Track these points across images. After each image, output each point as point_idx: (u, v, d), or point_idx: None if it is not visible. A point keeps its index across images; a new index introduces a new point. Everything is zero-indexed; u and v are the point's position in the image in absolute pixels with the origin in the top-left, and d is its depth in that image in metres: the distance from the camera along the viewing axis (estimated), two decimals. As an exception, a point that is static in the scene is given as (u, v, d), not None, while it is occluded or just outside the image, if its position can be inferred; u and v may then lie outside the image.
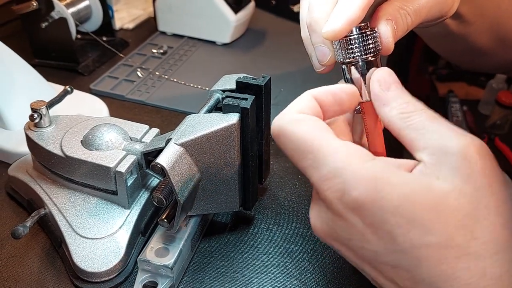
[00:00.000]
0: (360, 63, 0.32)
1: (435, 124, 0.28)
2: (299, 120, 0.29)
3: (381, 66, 0.32)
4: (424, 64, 1.25)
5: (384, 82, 0.30)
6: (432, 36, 0.55)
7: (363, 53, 0.32)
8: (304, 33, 0.37)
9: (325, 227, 0.30)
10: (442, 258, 0.25)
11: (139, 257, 0.41)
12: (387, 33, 0.33)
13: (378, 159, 0.28)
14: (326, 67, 0.35)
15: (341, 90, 0.31)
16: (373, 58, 0.32)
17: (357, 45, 0.32)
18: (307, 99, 0.31)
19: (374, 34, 0.32)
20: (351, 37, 0.32)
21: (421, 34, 0.54)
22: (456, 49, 0.56)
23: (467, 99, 1.22)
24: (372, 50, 0.32)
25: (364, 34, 0.32)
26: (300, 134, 0.29)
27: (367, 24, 0.32)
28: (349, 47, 0.32)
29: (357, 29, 0.32)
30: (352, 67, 0.32)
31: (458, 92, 1.23)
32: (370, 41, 0.32)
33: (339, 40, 0.32)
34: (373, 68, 0.32)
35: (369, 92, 0.32)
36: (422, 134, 0.28)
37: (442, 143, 0.27)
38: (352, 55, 0.32)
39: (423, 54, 1.15)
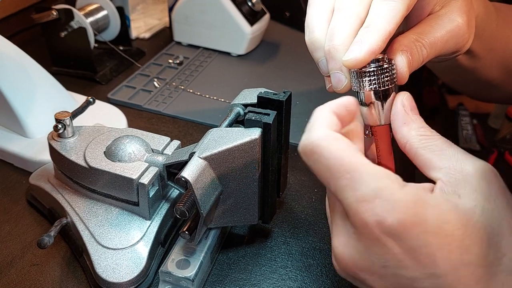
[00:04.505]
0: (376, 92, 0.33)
1: (451, 148, 0.30)
2: (334, 138, 0.29)
3: (395, 92, 0.34)
4: (433, 75, 1.26)
5: (406, 105, 0.33)
6: (441, 68, 0.55)
7: (380, 85, 0.32)
8: (309, 38, 0.37)
9: (355, 256, 0.28)
10: (478, 276, 0.26)
11: (160, 268, 0.41)
12: (402, 64, 0.34)
13: (410, 184, 0.28)
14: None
15: (349, 102, 0.32)
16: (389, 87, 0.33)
17: (375, 77, 0.32)
18: (330, 115, 0.31)
19: (392, 67, 0.33)
20: (369, 70, 0.32)
21: (430, 66, 0.54)
22: (465, 81, 0.57)
23: (476, 113, 1.22)
24: (389, 82, 0.32)
25: (381, 67, 0.32)
26: (336, 152, 0.28)
27: (384, 55, 0.33)
28: (367, 79, 0.32)
29: (375, 61, 0.32)
30: (369, 94, 0.33)
31: (468, 105, 1.23)
32: (387, 73, 0.32)
33: (357, 71, 0.32)
34: (394, 93, 0.33)
35: (385, 117, 0.33)
36: (439, 156, 0.30)
37: (459, 164, 0.29)
38: (369, 86, 0.32)
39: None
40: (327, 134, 0.29)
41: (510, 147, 1.10)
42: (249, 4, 0.80)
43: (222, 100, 0.71)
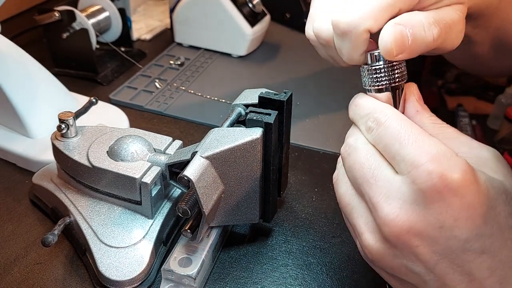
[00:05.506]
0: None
1: (463, 136, 0.32)
2: (398, 112, 0.32)
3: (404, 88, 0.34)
4: (433, 77, 1.26)
5: (416, 95, 0.35)
6: None
7: (391, 81, 0.33)
8: (313, 27, 0.37)
9: (412, 217, 0.28)
10: None
11: (163, 266, 0.42)
12: (389, 37, 0.32)
13: None
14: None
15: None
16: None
17: (385, 74, 0.32)
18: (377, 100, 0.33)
19: (402, 63, 0.33)
20: (380, 67, 0.32)
21: None
22: (460, 54, 0.57)
23: (476, 114, 1.23)
24: (399, 79, 0.33)
25: (391, 63, 0.32)
26: (403, 118, 0.31)
27: None
28: (377, 76, 0.33)
29: (386, 60, 0.32)
30: (380, 91, 0.34)
31: (467, 106, 1.23)
32: (397, 70, 0.33)
33: (368, 68, 0.33)
34: (403, 89, 0.34)
35: (397, 106, 0.34)
36: (453, 141, 0.32)
37: (474, 149, 0.31)
38: (380, 83, 0.33)
39: (432, 67, 1.17)
40: (395, 110, 0.32)
41: (510, 148, 1.10)
42: (250, 5, 0.81)
43: (223, 100, 0.71)
